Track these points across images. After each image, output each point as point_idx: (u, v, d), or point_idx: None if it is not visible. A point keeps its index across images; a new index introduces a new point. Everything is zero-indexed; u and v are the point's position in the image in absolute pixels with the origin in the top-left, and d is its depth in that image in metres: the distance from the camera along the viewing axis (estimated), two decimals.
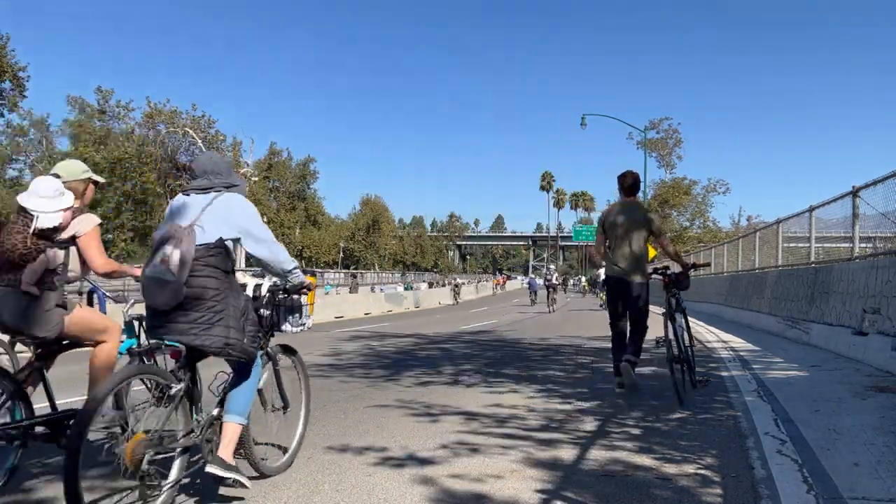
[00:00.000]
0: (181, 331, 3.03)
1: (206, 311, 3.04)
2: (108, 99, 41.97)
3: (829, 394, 5.88)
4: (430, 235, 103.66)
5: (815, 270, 10.81)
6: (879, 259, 8.40)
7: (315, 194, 64.25)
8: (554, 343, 12.03)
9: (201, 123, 39.96)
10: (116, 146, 37.87)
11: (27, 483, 3.56)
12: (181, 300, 2.99)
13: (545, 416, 5.30)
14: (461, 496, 3.31)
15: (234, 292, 3.18)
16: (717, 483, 3.45)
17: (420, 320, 20.97)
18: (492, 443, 4.40)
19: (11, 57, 35.53)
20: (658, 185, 47.90)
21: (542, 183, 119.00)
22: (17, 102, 37.97)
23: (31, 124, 54.16)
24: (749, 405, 5.55)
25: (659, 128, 50.42)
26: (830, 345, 9.08)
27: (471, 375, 7.71)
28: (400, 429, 4.87)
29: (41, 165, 51.84)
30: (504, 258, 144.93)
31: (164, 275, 2.96)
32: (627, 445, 4.27)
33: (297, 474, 3.69)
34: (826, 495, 3.12)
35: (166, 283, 2.97)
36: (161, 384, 3.01)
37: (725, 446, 4.23)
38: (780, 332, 11.91)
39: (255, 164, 47.18)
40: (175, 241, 3.01)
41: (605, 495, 3.28)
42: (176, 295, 2.98)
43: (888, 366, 6.93)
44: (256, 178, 44.91)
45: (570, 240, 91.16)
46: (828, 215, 11.38)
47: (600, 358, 9.54)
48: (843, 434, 4.33)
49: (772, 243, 14.85)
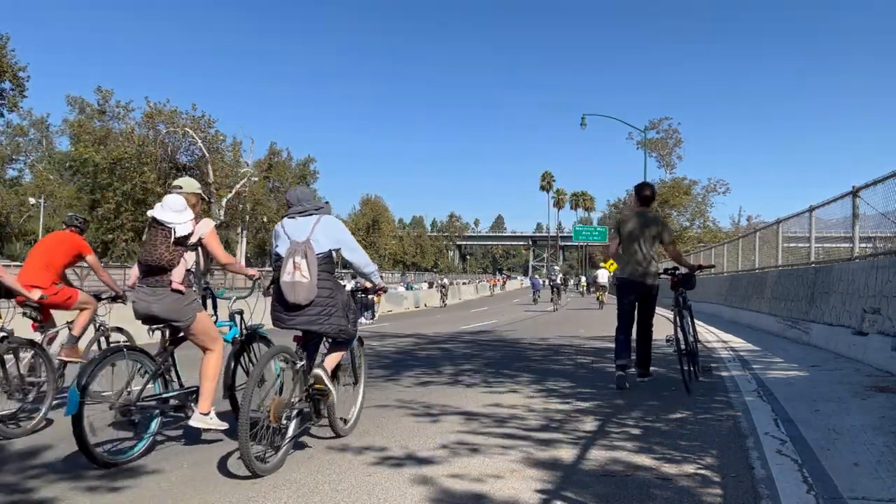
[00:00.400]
0: (307, 321, 4.03)
1: (324, 305, 4.05)
2: (108, 99, 41.92)
3: (829, 394, 5.88)
4: (430, 235, 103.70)
5: (815, 270, 10.81)
6: (879, 259, 8.39)
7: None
8: (554, 343, 12.03)
9: (201, 123, 39.94)
10: (116, 146, 37.79)
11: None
12: (313, 299, 3.97)
13: (545, 416, 5.30)
14: (461, 496, 3.31)
15: (339, 290, 4.24)
16: (717, 483, 3.45)
17: (420, 320, 20.96)
18: (491, 443, 4.40)
19: (11, 57, 35.55)
20: (658, 186, 47.91)
21: (542, 183, 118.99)
22: (17, 102, 37.97)
23: (31, 124, 54.20)
24: (749, 405, 5.55)
25: (659, 128, 50.45)
26: (830, 345, 9.08)
27: (471, 375, 7.71)
28: (400, 429, 4.87)
29: (41, 165, 51.89)
30: (504, 258, 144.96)
31: (301, 278, 3.94)
32: (627, 445, 4.27)
33: (297, 474, 3.70)
34: (826, 495, 3.12)
35: (303, 285, 3.94)
36: (290, 360, 4.02)
37: (725, 446, 4.23)
38: (780, 332, 11.91)
39: (255, 164, 47.11)
40: (301, 252, 3.99)
41: (605, 495, 3.28)
42: (311, 292, 3.96)
43: (888, 366, 6.93)
44: (256, 179, 44.84)
45: (570, 240, 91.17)
46: (828, 215, 11.37)
47: (600, 358, 9.54)
48: (843, 434, 4.33)
49: (772, 243, 14.85)
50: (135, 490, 3.45)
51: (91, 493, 3.42)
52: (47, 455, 4.20)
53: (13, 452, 4.29)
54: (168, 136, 39.16)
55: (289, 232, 4.17)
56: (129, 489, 3.46)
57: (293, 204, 4.28)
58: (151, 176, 37.42)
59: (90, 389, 3.76)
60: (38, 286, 5.48)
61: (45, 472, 3.79)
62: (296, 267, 3.96)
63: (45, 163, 52.78)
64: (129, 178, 37.38)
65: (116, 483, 3.57)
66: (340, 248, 4.23)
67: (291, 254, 4.00)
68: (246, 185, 42.76)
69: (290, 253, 4.01)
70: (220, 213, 39.99)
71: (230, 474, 3.72)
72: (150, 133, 38.94)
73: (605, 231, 59.99)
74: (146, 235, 4.26)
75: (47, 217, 46.65)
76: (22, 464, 3.98)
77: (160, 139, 38.72)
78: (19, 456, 4.20)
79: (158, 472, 3.77)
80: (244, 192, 42.90)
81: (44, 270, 5.61)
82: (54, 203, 47.32)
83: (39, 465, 3.98)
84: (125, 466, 3.86)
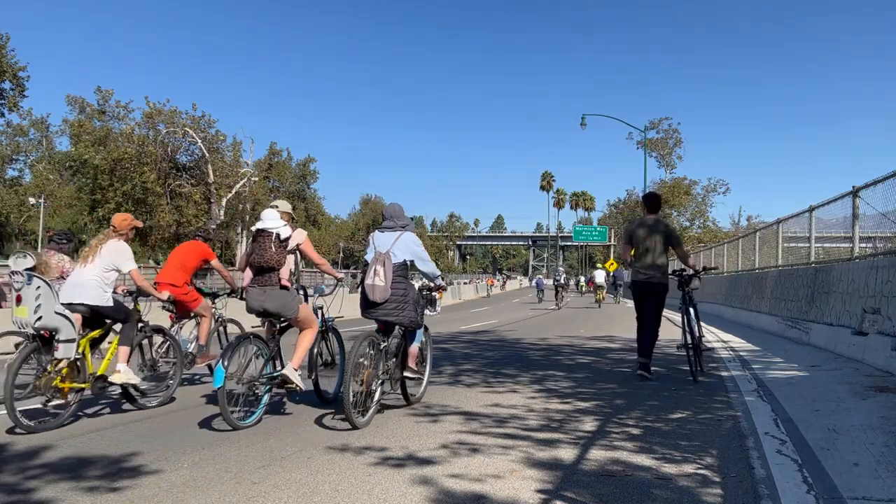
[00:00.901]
0: (385, 314, 5.14)
1: (398, 302, 5.15)
2: (107, 99, 41.87)
3: (829, 394, 5.88)
4: (430, 235, 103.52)
5: (815, 270, 10.81)
6: (879, 259, 8.39)
7: (315, 194, 64.26)
8: (554, 343, 12.03)
9: (201, 123, 39.91)
10: (116, 147, 37.72)
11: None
12: (388, 297, 5.07)
13: (545, 416, 5.30)
14: (461, 496, 3.31)
15: (412, 289, 5.36)
16: (717, 483, 3.45)
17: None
18: (491, 443, 4.40)
19: (11, 57, 35.55)
20: (658, 186, 47.91)
21: (542, 183, 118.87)
22: (17, 102, 37.96)
23: (30, 124, 54.15)
24: (749, 405, 5.55)
25: (659, 128, 50.48)
26: (830, 345, 9.08)
27: (471, 375, 7.71)
28: (400, 429, 4.87)
29: (41, 165, 51.83)
30: (504, 258, 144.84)
31: (379, 282, 5.06)
32: (627, 445, 4.27)
33: (297, 474, 3.70)
34: (826, 495, 3.12)
35: (380, 287, 5.06)
36: (376, 342, 5.11)
37: (725, 446, 4.23)
38: (780, 332, 11.91)
39: (255, 164, 47.08)
40: (381, 261, 5.10)
41: (605, 495, 3.28)
42: (385, 293, 5.07)
43: (888, 366, 6.93)
44: (256, 179, 44.80)
45: (570, 240, 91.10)
46: (828, 215, 11.37)
47: (600, 358, 9.54)
48: (843, 434, 4.34)
49: (772, 243, 14.85)
50: (135, 490, 3.45)
51: (91, 493, 3.42)
52: (47, 455, 4.20)
53: (13, 452, 4.29)
54: (168, 136, 39.12)
55: (376, 243, 5.31)
56: (129, 489, 3.46)
57: (386, 218, 5.45)
58: (151, 176, 37.37)
59: (228, 369, 4.76)
60: (174, 284, 6.78)
61: (45, 472, 3.79)
62: (376, 273, 5.08)
63: (45, 163, 52.66)
64: (129, 179, 37.32)
65: (116, 483, 3.57)
66: (414, 259, 5.33)
67: (374, 262, 5.13)
68: (246, 185, 42.73)
69: (373, 261, 5.14)
70: (220, 213, 39.98)
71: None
72: (150, 133, 38.88)
73: (604, 231, 60.07)
74: (252, 246, 5.22)
75: (47, 217, 46.58)
76: (22, 464, 3.98)
77: (160, 139, 38.67)
78: (19, 456, 4.20)
79: (158, 472, 3.78)
80: (244, 192, 42.87)
81: (179, 271, 6.93)
82: (54, 203, 47.27)
83: (39, 465, 3.98)
84: (125, 466, 3.88)
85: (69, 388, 5.15)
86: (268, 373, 5.18)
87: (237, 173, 41.93)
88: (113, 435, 4.79)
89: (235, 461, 3.99)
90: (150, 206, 37.92)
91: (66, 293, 5.35)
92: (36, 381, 5.05)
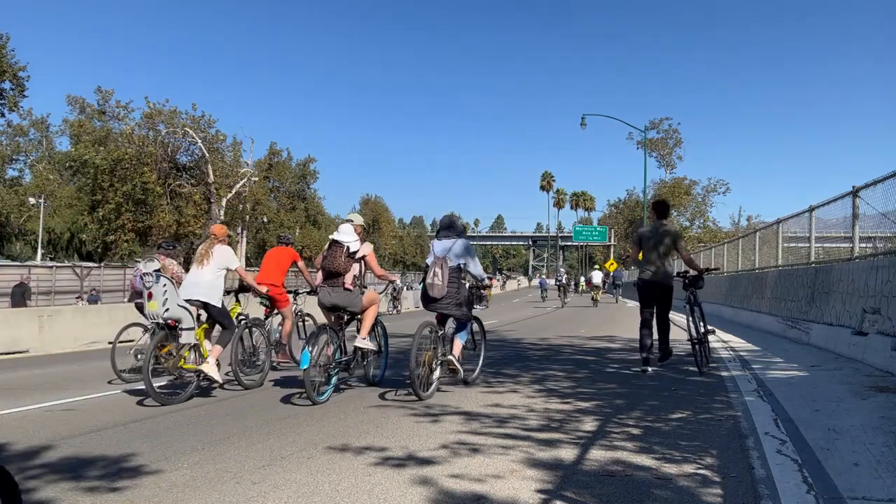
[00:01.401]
0: (441, 308, 6.30)
1: (452, 298, 6.26)
2: (108, 99, 41.83)
3: (829, 394, 5.88)
4: (430, 235, 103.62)
5: (815, 270, 10.81)
6: (879, 259, 8.39)
7: (315, 194, 64.19)
8: (554, 343, 12.02)
9: (201, 123, 39.87)
10: (116, 147, 37.69)
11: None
12: (444, 294, 6.17)
13: (545, 416, 5.30)
14: (461, 496, 3.31)
15: (463, 288, 6.45)
16: (717, 483, 3.45)
17: (420, 320, 20.91)
18: (492, 443, 4.40)
19: (11, 57, 35.51)
20: (658, 186, 47.94)
21: (542, 183, 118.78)
22: (17, 102, 37.92)
23: (31, 124, 54.12)
24: (749, 405, 5.55)
25: (659, 128, 50.54)
26: (830, 345, 9.08)
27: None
28: (400, 429, 4.87)
29: (41, 165, 51.84)
30: (504, 258, 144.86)
31: (437, 282, 6.18)
32: (627, 445, 4.27)
33: (297, 474, 3.70)
34: (826, 495, 3.12)
35: (437, 286, 6.18)
36: (434, 330, 6.26)
37: (725, 446, 4.23)
38: (780, 332, 11.91)
39: (255, 164, 47.05)
40: (439, 264, 6.23)
41: (606, 495, 3.28)
42: (441, 291, 6.17)
43: (888, 366, 6.92)
44: (256, 179, 44.77)
45: (570, 240, 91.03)
46: (828, 215, 11.36)
47: (600, 358, 9.54)
48: (843, 434, 4.33)
49: (772, 243, 14.84)
50: (135, 490, 3.45)
51: (91, 493, 3.42)
52: (47, 455, 4.21)
53: (13, 452, 4.30)
54: (168, 136, 39.08)
55: (435, 248, 6.43)
56: (129, 489, 3.47)
57: (442, 228, 6.54)
58: (151, 176, 37.33)
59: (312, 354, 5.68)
60: (272, 283, 8.02)
61: (45, 472, 3.80)
62: (434, 274, 6.20)
63: (45, 163, 52.63)
64: (129, 179, 37.28)
65: (116, 483, 3.58)
66: (466, 263, 6.41)
67: (433, 265, 6.25)
68: (246, 185, 42.71)
69: (433, 264, 6.27)
70: (220, 213, 39.96)
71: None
72: (149, 133, 38.84)
73: (604, 231, 60.12)
74: (327, 252, 6.29)
75: (47, 217, 46.57)
76: (22, 464, 3.98)
77: (160, 139, 38.64)
78: (19, 456, 4.20)
79: (158, 472, 3.78)
80: (244, 192, 42.84)
81: (276, 272, 8.23)
82: (54, 203, 47.26)
83: (39, 465, 3.99)
84: (125, 466, 3.90)
85: (190, 370, 6.19)
86: (338, 358, 6.20)
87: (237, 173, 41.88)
88: (113, 435, 4.80)
89: (235, 461, 3.99)
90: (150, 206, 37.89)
91: (185, 291, 6.36)
92: (164, 362, 6.11)
